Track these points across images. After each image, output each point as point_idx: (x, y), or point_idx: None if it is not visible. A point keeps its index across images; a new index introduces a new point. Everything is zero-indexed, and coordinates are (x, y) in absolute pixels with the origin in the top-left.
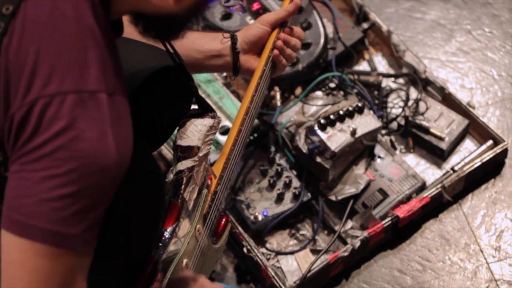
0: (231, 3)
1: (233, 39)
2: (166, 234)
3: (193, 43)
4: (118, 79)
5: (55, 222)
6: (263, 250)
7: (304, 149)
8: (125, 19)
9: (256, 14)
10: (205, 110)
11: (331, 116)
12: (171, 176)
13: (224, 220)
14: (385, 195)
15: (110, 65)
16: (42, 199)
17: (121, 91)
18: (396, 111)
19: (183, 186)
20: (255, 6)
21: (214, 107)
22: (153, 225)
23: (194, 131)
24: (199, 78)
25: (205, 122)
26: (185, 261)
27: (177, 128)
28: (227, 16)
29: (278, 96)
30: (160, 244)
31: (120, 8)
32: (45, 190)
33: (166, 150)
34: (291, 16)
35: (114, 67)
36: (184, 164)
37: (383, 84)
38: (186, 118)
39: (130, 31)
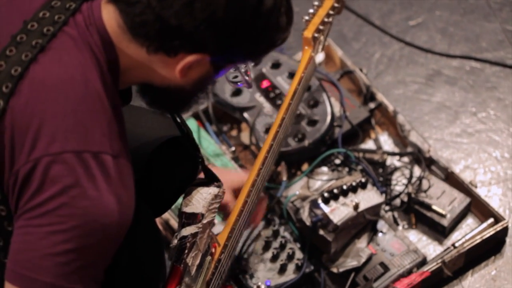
0: (237, 79)
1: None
2: None
3: None
4: (122, 143)
5: (58, 277)
6: None
7: (308, 222)
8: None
9: (265, 92)
10: (211, 179)
11: (335, 190)
12: (175, 241)
13: None
14: (386, 268)
15: (115, 129)
16: (46, 254)
17: (125, 154)
18: (399, 188)
19: (186, 251)
20: (265, 84)
21: None
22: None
23: (199, 199)
24: (208, 152)
25: (210, 191)
26: None
27: (183, 195)
28: (237, 92)
29: (284, 171)
30: None
31: (129, 78)
32: (49, 245)
33: (173, 221)
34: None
35: (118, 131)
36: (188, 230)
37: (388, 162)
38: (193, 186)
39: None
